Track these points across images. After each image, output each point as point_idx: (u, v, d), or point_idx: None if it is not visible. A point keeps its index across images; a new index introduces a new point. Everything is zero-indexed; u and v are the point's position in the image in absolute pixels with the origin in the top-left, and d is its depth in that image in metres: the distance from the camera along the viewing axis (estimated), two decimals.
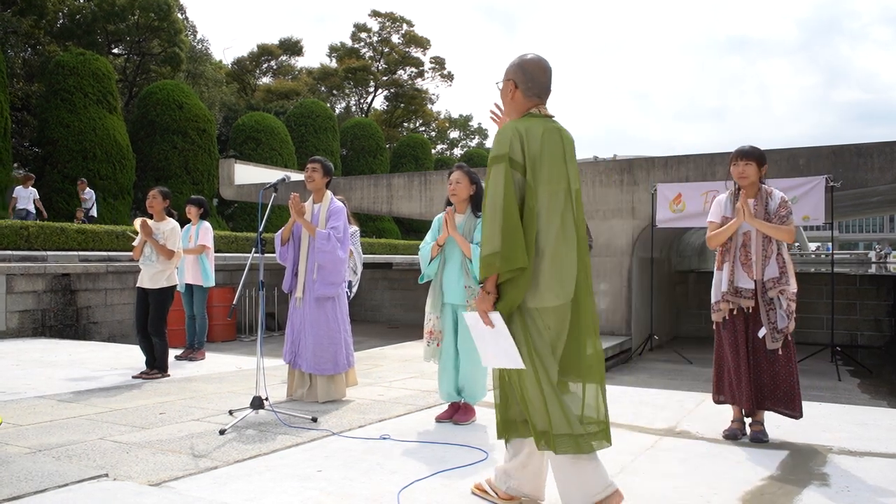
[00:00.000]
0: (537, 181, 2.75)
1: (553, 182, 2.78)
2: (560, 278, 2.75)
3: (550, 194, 2.77)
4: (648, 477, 3.53)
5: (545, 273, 2.74)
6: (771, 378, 4.14)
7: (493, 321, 2.75)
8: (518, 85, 2.91)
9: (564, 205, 2.80)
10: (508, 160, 2.74)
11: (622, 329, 11.12)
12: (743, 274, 4.18)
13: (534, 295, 2.75)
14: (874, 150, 9.87)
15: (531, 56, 2.94)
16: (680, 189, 10.43)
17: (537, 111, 2.91)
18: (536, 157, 2.77)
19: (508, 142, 2.76)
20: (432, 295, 4.72)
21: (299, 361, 5.26)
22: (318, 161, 5.35)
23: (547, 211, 2.76)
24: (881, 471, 3.66)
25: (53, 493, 3.12)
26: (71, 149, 19.23)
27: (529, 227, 2.72)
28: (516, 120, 2.88)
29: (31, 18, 24.19)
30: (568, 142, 2.91)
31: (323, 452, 3.94)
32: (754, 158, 4.20)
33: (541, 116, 2.89)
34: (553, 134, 2.84)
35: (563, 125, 2.95)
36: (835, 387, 8.86)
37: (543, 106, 2.94)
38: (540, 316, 2.75)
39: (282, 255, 5.30)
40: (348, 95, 45.49)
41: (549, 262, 2.75)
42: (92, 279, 11.31)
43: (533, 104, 2.91)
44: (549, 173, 2.78)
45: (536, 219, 2.74)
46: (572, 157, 2.92)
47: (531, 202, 2.73)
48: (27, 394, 5.59)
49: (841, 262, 30.84)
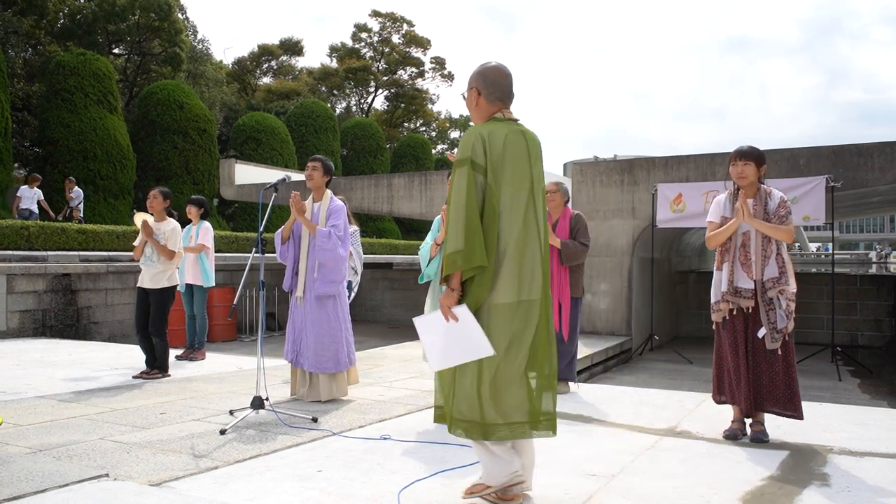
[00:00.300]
0: (499, 183, 2.88)
1: (515, 183, 2.91)
2: (521, 276, 2.88)
3: (513, 195, 2.90)
4: (648, 477, 3.54)
5: (505, 271, 2.87)
6: (770, 379, 4.14)
7: (459, 315, 2.85)
8: (480, 92, 3.04)
9: (527, 205, 2.92)
10: (471, 163, 2.87)
11: (622, 329, 11.12)
12: (742, 274, 4.19)
13: (494, 292, 2.87)
14: (874, 150, 9.87)
15: (491, 63, 3.09)
16: (680, 189, 10.43)
17: (501, 115, 3.03)
18: (498, 159, 2.89)
19: (471, 146, 2.90)
20: (432, 295, 4.73)
21: (301, 360, 5.27)
22: (318, 160, 5.36)
23: (509, 211, 2.89)
24: (882, 471, 3.66)
25: (54, 494, 3.12)
26: (71, 149, 19.23)
27: (491, 227, 2.85)
28: (480, 125, 3.00)
29: (31, 18, 24.19)
30: (533, 143, 3.02)
31: (323, 452, 3.94)
32: (753, 158, 4.21)
33: (505, 120, 3.02)
34: (516, 136, 2.96)
35: (528, 127, 3.06)
36: (835, 387, 8.86)
37: (507, 110, 3.06)
38: (497, 312, 2.87)
39: (282, 254, 5.31)
40: (349, 95, 45.49)
41: (510, 261, 2.88)
42: (92, 279, 11.31)
43: (497, 109, 3.04)
44: (511, 175, 2.90)
45: (498, 219, 2.87)
46: (537, 158, 3.03)
47: (493, 203, 2.87)
48: (28, 394, 5.59)
49: (841, 263, 30.84)
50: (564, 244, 5.61)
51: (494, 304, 2.88)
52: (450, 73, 46.47)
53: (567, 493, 3.27)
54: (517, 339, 2.88)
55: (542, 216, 2.98)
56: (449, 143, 52.90)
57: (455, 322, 2.86)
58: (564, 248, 5.61)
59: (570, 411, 5.09)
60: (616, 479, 3.50)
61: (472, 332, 2.84)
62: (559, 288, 5.68)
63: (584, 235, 5.71)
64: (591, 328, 11.19)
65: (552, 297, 5.55)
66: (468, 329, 2.85)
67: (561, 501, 3.17)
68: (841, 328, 12.52)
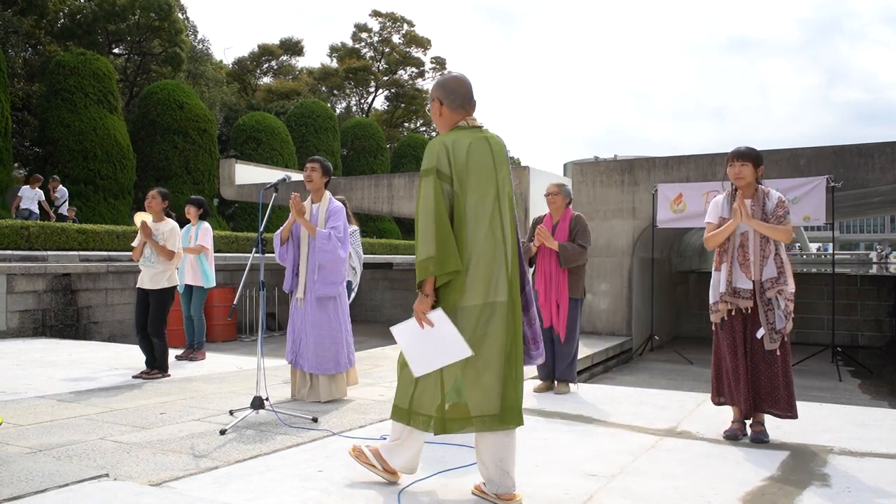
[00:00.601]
0: (465, 190, 2.98)
1: (480, 189, 3.00)
2: (488, 279, 2.97)
3: (478, 201, 2.99)
4: (649, 477, 3.53)
5: (472, 274, 2.96)
6: (769, 380, 4.14)
7: (434, 320, 2.93)
8: (443, 102, 3.12)
9: (492, 210, 3.01)
10: (436, 172, 2.96)
11: (623, 329, 11.12)
12: (741, 274, 4.19)
13: (468, 292, 2.97)
14: (875, 150, 9.86)
15: (449, 74, 3.21)
16: (681, 189, 10.43)
17: (465, 123, 3.11)
18: (463, 167, 2.98)
19: (436, 155, 2.99)
20: None
21: (301, 361, 5.27)
22: (316, 161, 5.35)
23: (475, 217, 2.98)
24: (882, 471, 3.66)
25: (54, 493, 3.12)
26: (71, 149, 19.23)
27: (458, 233, 2.95)
28: (444, 134, 3.08)
29: (31, 18, 24.19)
30: (497, 149, 3.10)
31: (323, 452, 3.94)
32: (750, 159, 4.21)
33: (469, 128, 3.10)
34: (481, 143, 3.05)
35: (494, 134, 3.14)
36: (835, 387, 8.86)
37: (471, 117, 3.15)
38: (465, 313, 2.96)
39: (281, 256, 5.31)
40: (349, 95, 45.48)
41: (476, 265, 2.96)
42: (92, 279, 11.31)
43: (460, 117, 3.12)
44: (476, 182, 2.99)
45: (465, 225, 2.97)
46: (502, 164, 3.10)
47: (459, 210, 2.96)
48: (28, 394, 5.59)
49: (842, 263, 30.84)
50: (562, 246, 5.61)
51: (462, 307, 2.97)
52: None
53: (567, 493, 3.27)
54: (483, 339, 2.95)
55: (507, 220, 3.05)
56: None
57: (431, 327, 2.94)
58: (562, 251, 5.60)
59: (570, 411, 5.09)
60: (616, 480, 3.50)
61: (449, 335, 2.92)
62: (557, 289, 5.67)
63: (582, 237, 5.70)
64: (592, 328, 11.18)
65: (552, 298, 5.60)
66: (445, 332, 2.92)
67: (561, 501, 3.17)
68: (841, 328, 12.52)
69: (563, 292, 5.65)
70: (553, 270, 5.68)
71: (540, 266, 5.76)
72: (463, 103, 3.12)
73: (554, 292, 5.67)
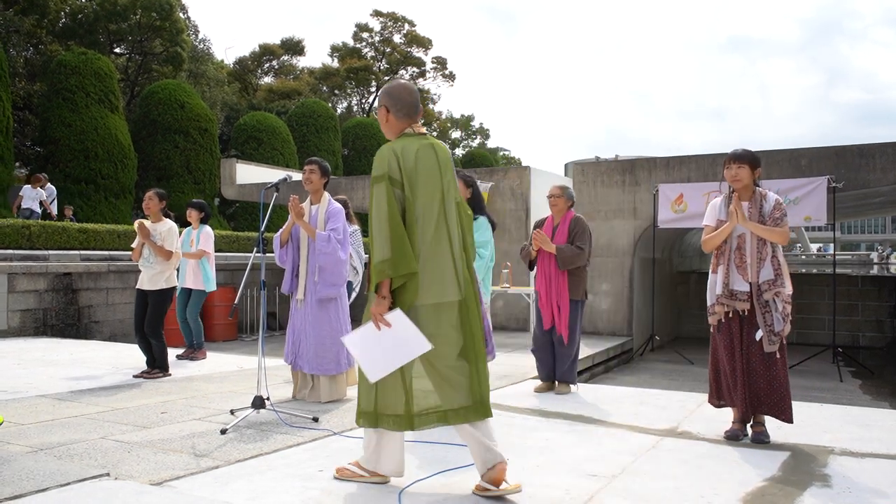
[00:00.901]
0: (415, 195, 3.11)
1: (427, 194, 3.14)
2: (439, 279, 3.10)
3: (425, 205, 3.13)
4: (650, 477, 3.53)
5: (430, 272, 3.09)
6: (767, 382, 4.13)
7: (391, 321, 3.03)
8: (389, 109, 3.25)
9: (438, 214, 3.15)
10: (388, 178, 3.09)
11: (623, 329, 11.12)
12: (738, 276, 4.19)
13: (423, 292, 3.09)
14: (876, 150, 9.86)
15: (396, 82, 3.32)
16: (682, 189, 10.43)
17: (411, 130, 3.25)
18: (412, 173, 3.12)
19: (387, 162, 3.12)
20: None
21: (300, 363, 5.27)
22: (315, 162, 5.34)
23: (423, 220, 3.12)
24: (883, 472, 3.66)
25: (55, 493, 3.12)
26: (73, 148, 19.23)
27: (410, 236, 3.07)
28: (393, 141, 3.22)
29: (33, 18, 24.19)
30: (443, 155, 3.25)
31: (324, 452, 3.94)
32: (747, 161, 4.22)
33: (415, 135, 3.24)
34: (427, 150, 3.19)
35: (439, 141, 3.30)
36: (836, 388, 8.85)
37: (417, 124, 3.28)
38: (418, 313, 3.07)
39: (280, 258, 5.31)
40: (350, 95, 45.47)
41: (425, 265, 3.09)
42: (93, 278, 11.32)
43: (406, 124, 3.26)
44: (423, 186, 3.13)
45: (415, 228, 3.10)
46: (447, 170, 3.25)
47: (410, 214, 3.10)
48: (28, 393, 5.59)
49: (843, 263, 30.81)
50: (560, 249, 5.60)
51: (415, 306, 3.08)
52: (451, 73, 46.44)
53: (568, 493, 3.27)
54: (438, 338, 3.06)
55: (454, 222, 3.20)
56: (450, 143, 52.93)
57: (388, 328, 3.03)
58: (560, 253, 5.60)
59: (570, 411, 5.09)
60: (617, 480, 3.50)
61: (407, 333, 3.01)
62: (557, 291, 5.67)
63: (581, 238, 5.69)
64: (593, 328, 11.18)
65: (552, 300, 5.59)
66: (403, 330, 3.01)
67: (562, 501, 3.17)
68: (842, 329, 12.52)
69: (563, 294, 5.65)
70: (553, 272, 5.67)
71: (540, 268, 5.76)
72: (409, 111, 3.25)
73: (554, 294, 5.67)
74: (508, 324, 11.54)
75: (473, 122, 54.86)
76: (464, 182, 4.69)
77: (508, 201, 11.89)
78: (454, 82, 47.56)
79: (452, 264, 3.14)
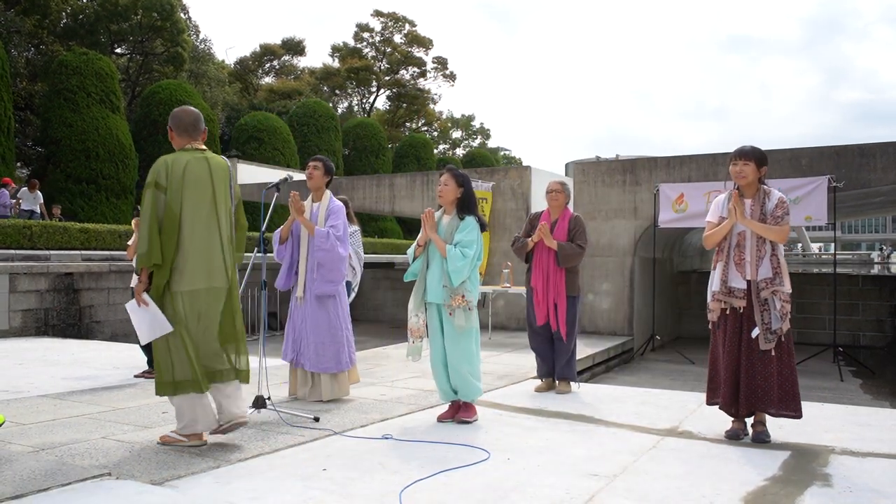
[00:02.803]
0: (182, 199, 3.75)
1: (196, 198, 3.79)
2: (206, 268, 3.80)
3: (194, 208, 3.78)
4: (651, 477, 3.54)
5: (191, 265, 3.77)
6: (765, 379, 4.12)
7: (147, 301, 3.73)
8: (172, 129, 3.96)
9: (208, 215, 3.82)
10: (155, 185, 3.74)
11: (624, 329, 11.11)
12: (736, 273, 4.19)
13: (185, 280, 3.76)
14: (877, 150, 9.85)
15: (180, 108, 4.03)
16: (682, 189, 10.42)
17: (191, 146, 3.92)
18: (178, 181, 3.75)
19: (157, 172, 3.77)
20: (415, 294, 4.78)
21: (301, 360, 5.27)
22: (319, 160, 5.36)
23: (191, 221, 3.77)
24: (884, 471, 3.66)
25: (56, 492, 3.13)
26: (74, 148, 19.25)
27: (172, 233, 3.73)
28: (169, 154, 3.86)
29: (34, 18, 24.21)
30: (216, 168, 3.91)
31: (325, 452, 3.94)
32: (753, 158, 4.20)
33: (192, 150, 3.91)
34: (199, 163, 3.85)
35: (215, 155, 3.97)
36: (837, 387, 8.85)
37: (196, 141, 3.96)
38: (190, 297, 3.77)
39: (279, 254, 5.32)
40: (350, 95, 45.48)
41: (194, 257, 3.77)
42: (94, 278, 11.33)
43: (186, 141, 3.94)
44: (192, 192, 3.78)
45: (180, 226, 3.74)
46: (221, 180, 3.91)
47: (173, 214, 3.73)
48: (30, 393, 5.60)
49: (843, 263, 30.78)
50: (561, 246, 5.61)
51: (186, 291, 3.76)
52: (452, 73, 46.47)
53: (569, 493, 3.27)
54: (206, 315, 3.81)
55: (224, 223, 3.89)
56: (451, 143, 52.91)
57: (146, 306, 3.73)
58: (561, 250, 5.61)
59: (571, 411, 5.09)
60: (618, 479, 3.50)
61: (155, 314, 3.73)
62: (555, 288, 5.68)
63: (581, 237, 5.70)
64: (593, 328, 11.18)
65: (550, 297, 5.59)
66: (153, 311, 3.73)
67: (563, 501, 3.17)
68: (843, 328, 12.50)
69: (560, 291, 5.66)
70: (551, 269, 5.68)
71: (537, 264, 5.76)
72: (188, 131, 3.94)
73: (552, 291, 5.67)
74: (509, 323, 11.54)
75: (474, 122, 54.89)
76: (455, 181, 4.70)
77: (509, 201, 11.89)
78: (455, 82, 47.61)
79: (222, 256, 3.85)
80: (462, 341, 4.63)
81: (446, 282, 4.58)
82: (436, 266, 4.67)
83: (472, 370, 4.70)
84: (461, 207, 4.72)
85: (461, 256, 4.54)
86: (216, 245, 3.82)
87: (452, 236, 4.64)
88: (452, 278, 4.55)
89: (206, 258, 3.79)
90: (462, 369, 4.65)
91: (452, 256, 4.55)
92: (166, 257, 3.71)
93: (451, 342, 4.64)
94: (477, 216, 4.72)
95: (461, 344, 4.63)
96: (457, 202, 4.74)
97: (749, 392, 4.16)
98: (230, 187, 3.97)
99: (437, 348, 4.73)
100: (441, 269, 4.63)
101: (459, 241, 4.60)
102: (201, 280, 3.77)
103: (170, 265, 3.73)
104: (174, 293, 3.75)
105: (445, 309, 4.61)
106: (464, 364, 4.64)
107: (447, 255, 4.56)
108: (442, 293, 4.60)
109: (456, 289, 4.56)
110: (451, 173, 4.75)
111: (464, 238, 4.60)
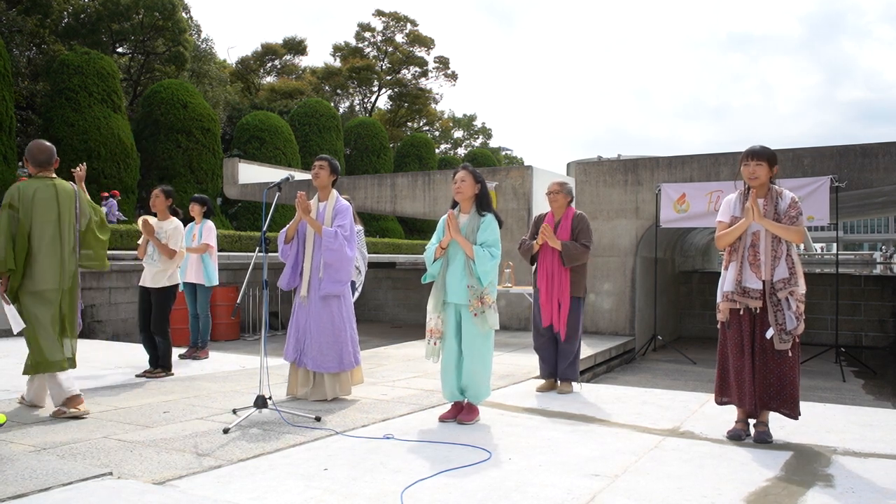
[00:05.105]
0: (31, 218, 4.61)
1: (43, 217, 4.65)
2: (54, 273, 4.67)
3: (41, 225, 4.64)
4: (652, 477, 3.53)
5: (40, 270, 4.64)
6: (778, 378, 4.13)
7: (7, 300, 4.60)
8: (29, 161, 4.79)
9: (54, 231, 4.68)
10: (10, 206, 4.58)
11: (626, 329, 11.11)
12: (751, 274, 4.16)
13: (34, 283, 4.63)
14: (879, 150, 9.84)
15: (33, 143, 4.85)
16: (684, 189, 10.41)
17: (42, 175, 4.77)
18: (28, 203, 4.62)
19: (11, 195, 4.62)
20: (435, 294, 4.75)
21: (304, 360, 5.26)
22: (324, 159, 5.35)
23: (39, 236, 4.64)
24: (886, 472, 3.65)
25: (57, 492, 3.13)
26: (75, 148, 19.26)
27: (22, 244, 4.58)
28: (22, 182, 4.67)
29: (35, 17, 24.22)
30: (63, 193, 4.76)
31: (326, 452, 3.94)
32: (765, 158, 4.18)
33: (43, 178, 4.76)
34: (47, 189, 4.71)
35: (63, 182, 4.84)
36: (839, 388, 8.84)
37: (48, 171, 4.80)
38: (41, 296, 4.64)
39: (283, 253, 5.31)
40: (352, 95, 45.46)
41: (41, 264, 4.64)
42: (96, 278, 11.33)
43: (38, 171, 4.78)
44: (40, 212, 4.64)
45: (28, 239, 4.60)
46: (66, 201, 4.77)
47: (24, 229, 4.59)
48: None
49: (845, 263, 30.75)
50: (565, 245, 5.60)
51: (36, 291, 4.63)
52: (453, 72, 46.43)
53: (570, 493, 3.27)
54: (49, 310, 4.66)
55: (66, 237, 4.74)
56: (452, 143, 52.91)
57: (8, 304, 4.59)
58: (565, 250, 5.60)
59: (573, 411, 5.09)
60: (619, 480, 3.49)
61: (12, 311, 4.59)
62: (559, 288, 5.67)
63: (585, 236, 5.69)
64: (595, 328, 11.17)
65: (554, 297, 5.60)
66: (10, 309, 4.59)
67: (564, 501, 3.17)
68: (845, 329, 12.49)
69: (564, 291, 5.65)
70: (556, 269, 5.67)
71: (542, 265, 5.75)
72: (41, 163, 4.78)
73: (556, 291, 5.66)
74: (510, 323, 11.53)
75: (476, 122, 54.89)
76: (473, 177, 4.75)
77: (511, 201, 11.88)
78: (456, 82, 47.56)
79: (60, 265, 4.69)
80: (482, 342, 4.63)
81: (473, 283, 4.58)
82: (456, 266, 4.67)
83: (486, 372, 4.70)
84: (479, 205, 4.74)
85: (490, 257, 4.56)
86: (57, 254, 4.69)
87: (475, 235, 4.64)
88: (482, 279, 4.55)
89: (53, 264, 4.67)
90: (476, 371, 4.64)
91: (481, 258, 4.55)
92: (19, 264, 4.56)
93: (470, 343, 4.63)
94: (495, 213, 4.75)
95: (480, 345, 4.63)
96: (475, 199, 4.75)
97: (762, 391, 4.15)
98: (76, 207, 4.83)
99: (452, 348, 4.72)
100: (462, 268, 4.63)
101: (484, 241, 4.61)
102: (45, 282, 4.64)
103: (21, 270, 4.60)
104: (24, 293, 4.64)
105: (469, 310, 4.60)
106: (479, 365, 4.64)
107: (475, 257, 4.56)
108: (465, 293, 4.60)
109: (483, 289, 4.57)
110: (468, 170, 4.78)
111: (488, 238, 4.62)
